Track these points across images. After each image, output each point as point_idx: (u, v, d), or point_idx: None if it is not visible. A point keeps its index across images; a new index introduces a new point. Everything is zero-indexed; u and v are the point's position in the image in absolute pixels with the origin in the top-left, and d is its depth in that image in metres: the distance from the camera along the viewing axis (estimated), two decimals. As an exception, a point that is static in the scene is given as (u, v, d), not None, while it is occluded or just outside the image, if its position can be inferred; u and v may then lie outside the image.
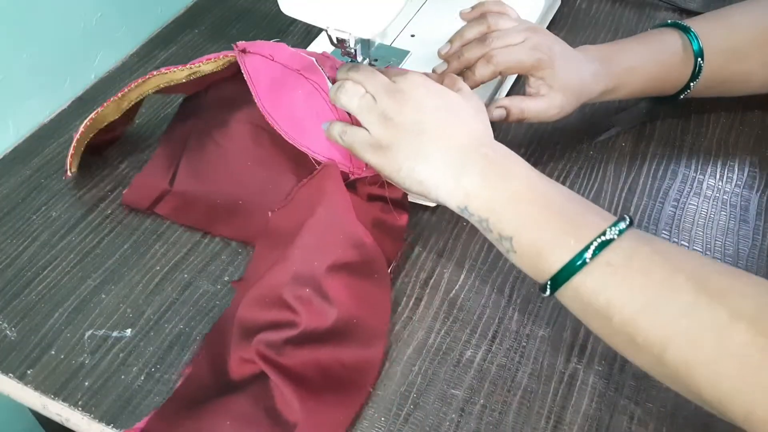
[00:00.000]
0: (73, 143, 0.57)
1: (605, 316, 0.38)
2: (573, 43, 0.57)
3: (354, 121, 0.50)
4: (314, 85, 0.53)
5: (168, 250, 0.55)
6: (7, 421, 0.74)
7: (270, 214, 0.53)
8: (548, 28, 0.75)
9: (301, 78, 0.53)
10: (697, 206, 0.58)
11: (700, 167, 0.61)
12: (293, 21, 0.68)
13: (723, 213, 0.58)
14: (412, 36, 0.67)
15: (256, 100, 0.53)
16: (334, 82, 0.52)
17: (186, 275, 0.53)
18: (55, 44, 0.67)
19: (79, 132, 0.56)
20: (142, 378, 0.47)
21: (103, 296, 0.52)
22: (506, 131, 0.64)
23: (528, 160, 0.46)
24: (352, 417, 0.44)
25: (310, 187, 0.52)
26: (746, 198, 0.59)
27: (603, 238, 0.38)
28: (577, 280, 0.39)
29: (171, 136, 0.61)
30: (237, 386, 0.45)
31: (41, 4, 0.64)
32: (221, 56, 0.55)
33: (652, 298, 0.37)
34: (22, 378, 0.47)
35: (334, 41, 0.51)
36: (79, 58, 0.70)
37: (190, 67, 0.55)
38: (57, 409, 0.46)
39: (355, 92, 0.48)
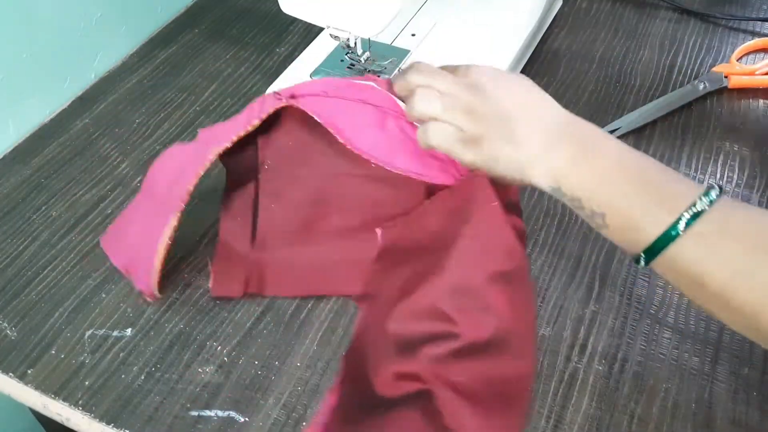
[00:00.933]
0: (159, 268, 0.50)
1: (700, 283, 0.38)
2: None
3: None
4: (387, 111, 0.50)
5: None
6: (8, 420, 0.74)
7: (379, 231, 0.51)
8: (549, 28, 0.75)
9: (368, 107, 0.51)
10: (698, 206, 0.58)
11: (700, 167, 0.61)
12: (293, 20, 0.68)
13: (723, 212, 0.57)
14: (413, 35, 0.67)
15: (347, 146, 0.49)
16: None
17: (186, 275, 0.53)
18: (55, 44, 0.67)
19: (162, 257, 0.49)
20: (143, 377, 0.47)
21: (104, 295, 0.52)
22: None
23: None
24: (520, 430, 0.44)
25: (450, 198, 0.50)
26: (746, 198, 0.58)
27: (695, 209, 0.38)
28: (672, 251, 0.39)
29: (233, 211, 0.55)
30: (394, 403, 0.43)
31: (41, 4, 0.64)
32: (271, 110, 0.50)
33: (746, 263, 0.37)
34: (22, 377, 0.47)
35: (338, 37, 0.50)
36: (79, 58, 0.70)
37: (239, 134, 0.50)
38: (57, 409, 0.46)
39: (431, 96, 0.46)
